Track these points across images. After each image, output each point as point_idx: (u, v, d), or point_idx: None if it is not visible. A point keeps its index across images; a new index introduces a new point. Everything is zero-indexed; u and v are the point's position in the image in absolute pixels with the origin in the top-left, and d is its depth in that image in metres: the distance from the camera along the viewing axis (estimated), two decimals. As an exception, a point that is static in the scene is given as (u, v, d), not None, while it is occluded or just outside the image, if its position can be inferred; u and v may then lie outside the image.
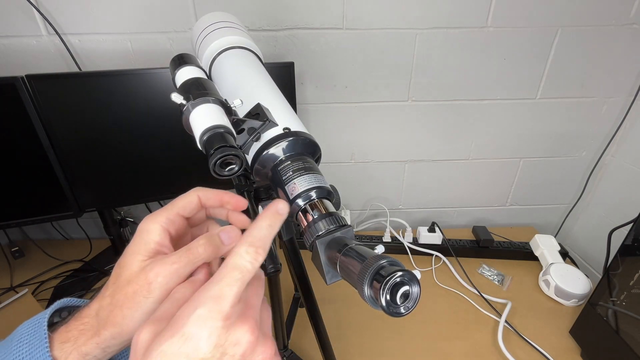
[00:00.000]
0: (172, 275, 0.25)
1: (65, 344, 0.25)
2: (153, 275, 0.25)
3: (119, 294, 0.25)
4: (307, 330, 0.75)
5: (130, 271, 0.25)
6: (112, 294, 0.26)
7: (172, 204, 0.29)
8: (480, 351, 0.72)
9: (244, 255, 0.22)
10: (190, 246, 0.26)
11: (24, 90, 0.70)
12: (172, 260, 0.25)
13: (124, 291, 0.25)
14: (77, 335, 0.25)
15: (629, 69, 0.92)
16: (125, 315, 0.25)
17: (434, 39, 0.87)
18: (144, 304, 0.25)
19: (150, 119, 0.79)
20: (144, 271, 0.25)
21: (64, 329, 0.26)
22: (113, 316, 0.25)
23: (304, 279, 0.51)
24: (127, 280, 0.25)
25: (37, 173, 0.78)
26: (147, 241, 0.27)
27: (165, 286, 0.25)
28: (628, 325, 0.61)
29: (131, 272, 0.25)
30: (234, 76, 0.43)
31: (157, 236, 0.27)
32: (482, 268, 0.94)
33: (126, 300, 0.25)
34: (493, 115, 0.98)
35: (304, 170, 0.32)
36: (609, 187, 1.04)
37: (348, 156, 1.04)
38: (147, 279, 0.25)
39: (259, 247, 0.23)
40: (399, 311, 0.23)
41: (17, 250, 0.98)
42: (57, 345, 0.25)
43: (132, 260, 0.26)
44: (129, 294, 0.25)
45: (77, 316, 0.27)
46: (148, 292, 0.25)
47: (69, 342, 0.25)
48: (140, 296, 0.25)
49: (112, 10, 0.81)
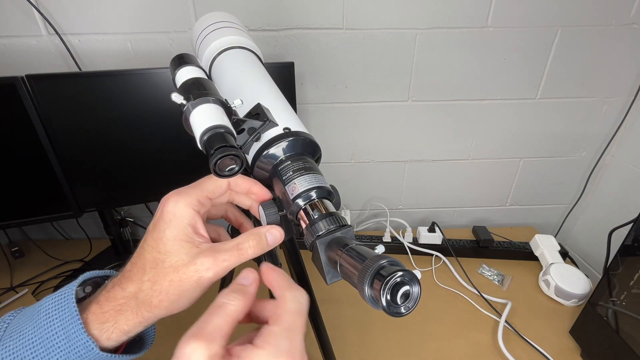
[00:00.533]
0: (222, 271, 0.26)
1: (105, 324, 0.26)
2: (204, 270, 0.25)
3: (164, 281, 0.25)
4: (307, 330, 0.75)
5: (176, 259, 0.26)
6: (154, 278, 0.26)
7: (200, 185, 0.29)
8: (480, 351, 0.72)
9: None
10: (241, 247, 0.27)
11: (24, 90, 0.70)
12: (224, 258, 0.26)
13: (169, 278, 0.25)
14: (115, 315, 0.26)
15: (629, 69, 0.92)
16: (172, 300, 0.26)
17: (434, 39, 0.87)
18: (192, 294, 0.26)
19: (151, 119, 0.79)
20: (194, 263, 0.25)
21: (97, 308, 0.26)
22: (158, 301, 0.25)
23: (304, 279, 0.51)
24: (173, 268, 0.25)
25: (37, 173, 0.78)
26: (185, 226, 0.27)
27: (213, 279, 0.26)
28: (628, 325, 0.61)
29: (178, 259, 0.26)
30: (234, 76, 0.43)
31: (191, 220, 0.27)
32: (482, 268, 0.94)
33: (172, 288, 0.25)
34: (493, 115, 0.98)
35: (304, 170, 0.32)
36: (609, 187, 1.04)
37: (348, 156, 1.04)
38: (197, 271, 0.25)
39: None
40: (399, 311, 0.23)
41: (17, 250, 0.98)
42: (95, 326, 0.26)
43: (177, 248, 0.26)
44: (175, 282, 0.25)
45: (109, 296, 0.26)
46: (198, 285, 0.25)
47: (109, 323, 0.26)
48: (190, 286, 0.25)
49: (112, 10, 0.81)
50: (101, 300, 0.26)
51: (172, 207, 0.27)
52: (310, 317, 0.54)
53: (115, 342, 0.26)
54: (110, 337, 0.26)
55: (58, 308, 0.26)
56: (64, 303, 0.26)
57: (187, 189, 0.29)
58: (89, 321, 0.26)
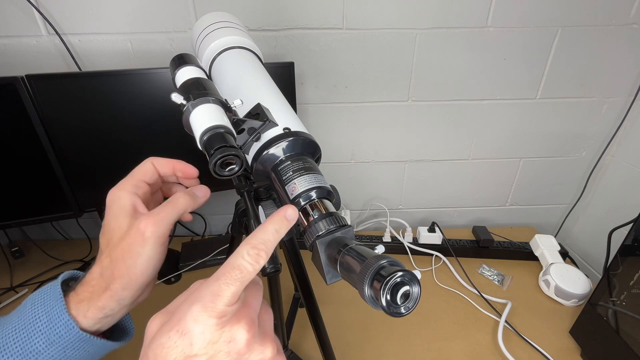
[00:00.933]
0: (161, 222, 0.28)
1: (80, 303, 0.27)
2: (143, 226, 0.27)
3: (116, 252, 0.27)
4: (307, 330, 0.76)
5: (120, 231, 0.28)
6: (109, 254, 0.28)
7: (131, 173, 0.32)
8: (480, 351, 0.72)
9: (245, 256, 0.23)
10: (171, 199, 0.30)
11: (24, 90, 0.70)
12: (157, 211, 0.28)
13: (120, 247, 0.27)
14: (89, 296, 0.28)
15: (629, 69, 0.92)
16: (128, 265, 0.27)
17: (434, 39, 0.87)
18: (142, 252, 0.27)
19: (151, 119, 0.79)
20: (134, 225, 0.28)
21: (73, 295, 0.28)
22: (118, 269, 0.27)
23: (304, 279, 0.51)
24: (119, 239, 0.28)
25: (37, 173, 0.78)
26: (122, 206, 0.29)
27: (157, 233, 0.28)
28: (628, 325, 0.61)
29: (121, 231, 0.28)
30: (234, 76, 0.43)
31: (129, 200, 0.29)
32: (482, 268, 0.94)
33: (124, 253, 0.27)
34: (493, 115, 0.98)
35: (304, 170, 0.32)
36: (609, 187, 1.04)
37: (348, 156, 1.04)
38: (138, 230, 0.27)
39: (262, 249, 0.24)
40: (399, 311, 0.23)
41: (17, 250, 0.98)
42: (72, 306, 0.27)
43: (118, 223, 0.28)
44: (126, 248, 0.27)
45: (82, 282, 0.29)
46: (143, 241, 0.27)
47: (84, 302, 0.27)
48: (137, 245, 0.27)
49: (112, 11, 0.81)
50: (77, 289, 0.28)
51: (110, 196, 0.30)
52: (310, 317, 0.54)
53: (92, 320, 0.28)
54: (86, 315, 0.27)
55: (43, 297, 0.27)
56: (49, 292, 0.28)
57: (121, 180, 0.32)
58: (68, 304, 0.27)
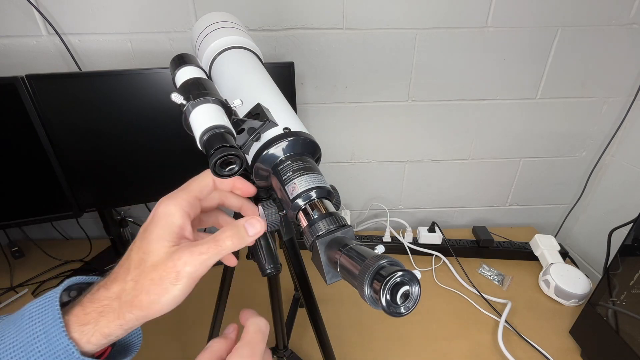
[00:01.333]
0: (200, 265, 0.26)
1: (86, 326, 0.25)
2: (182, 264, 0.25)
3: (145, 279, 0.25)
4: (307, 330, 0.76)
5: (157, 257, 0.26)
6: (137, 278, 0.26)
7: (188, 186, 0.30)
8: (480, 351, 0.72)
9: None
10: (218, 238, 0.27)
11: (24, 90, 0.70)
12: (200, 251, 0.26)
13: (150, 277, 0.25)
14: (97, 317, 0.25)
15: (629, 69, 0.92)
16: (152, 300, 0.25)
17: (434, 39, 0.87)
18: (171, 291, 0.25)
19: (151, 119, 0.79)
20: (172, 259, 0.25)
21: (80, 310, 0.26)
22: (139, 300, 0.25)
23: (304, 279, 0.51)
24: (153, 266, 0.25)
25: (37, 173, 0.78)
26: (171, 225, 0.27)
27: (193, 275, 0.26)
28: (628, 325, 0.60)
29: (158, 258, 0.26)
30: (234, 76, 0.43)
31: (179, 220, 0.27)
32: (482, 268, 0.94)
33: (153, 286, 0.25)
34: (493, 115, 0.98)
35: (304, 170, 0.32)
36: (609, 187, 1.04)
37: (348, 156, 1.04)
38: (175, 267, 0.25)
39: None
40: (399, 311, 0.23)
41: (17, 250, 0.98)
42: (76, 328, 0.25)
43: (158, 246, 0.26)
44: (156, 280, 0.25)
45: (92, 297, 0.26)
46: (176, 280, 0.25)
47: (89, 325, 0.25)
48: (168, 283, 0.25)
49: (112, 10, 0.81)
50: (85, 303, 0.26)
51: (162, 209, 0.27)
52: (310, 317, 0.54)
53: (95, 345, 0.26)
54: (90, 340, 0.25)
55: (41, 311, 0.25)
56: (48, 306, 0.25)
57: (177, 192, 0.29)
58: (70, 323, 0.25)
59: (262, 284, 0.78)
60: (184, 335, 0.75)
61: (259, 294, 0.85)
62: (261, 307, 0.83)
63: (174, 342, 0.73)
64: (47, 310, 0.25)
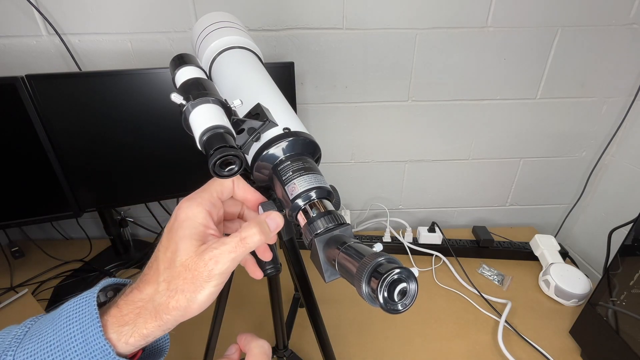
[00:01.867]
0: (230, 262, 0.26)
1: (124, 327, 0.26)
2: (213, 263, 0.26)
3: (178, 280, 0.26)
4: (307, 330, 0.75)
5: (186, 257, 0.26)
6: (168, 279, 0.26)
7: (208, 186, 0.30)
8: (480, 351, 0.72)
9: None
10: (245, 235, 0.27)
11: (24, 90, 0.70)
12: (229, 250, 0.26)
13: (182, 276, 0.26)
14: (135, 318, 0.26)
15: (629, 69, 0.92)
16: (189, 299, 0.26)
17: (434, 39, 0.87)
18: (206, 287, 0.26)
19: (150, 119, 0.79)
20: (202, 258, 0.26)
21: (116, 311, 0.26)
22: (175, 301, 0.26)
23: (304, 279, 0.51)
24: (184, 266, 0.26)
25: (37, 173, 0.78)
26: (196, 225, 0.27)
27: (224, 273, 0.26)
28: (628, 325, 0.60)
29: (187, 257, 0.26)
30: (234, 76, 0.43)
31: (203, 219, 0.28)
32: (482, 268, 0.94)
33: (187, 285, 0.26)
34: (493, 115, 0.98)
35: (304, 170, 0.32)
36: (609, 187, 1.04)
37: (348, 156, 1.04)
38: (206, 266, 0.26)
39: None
40: (396, 308, 0.23)
41: (17, 250, 0.98)
42: (114, 329, 0.26)
43: (186, 246, 0.26)
44: (189, 280, 0.26)
45: (127, 299, 0.27)
46: (209, 278, 0.26)
47: (128, 326, 0.26)
48: (201, 280, 0.26)
49: (112, 10, 0.81)
50: (120, 304, 0.27)
51: (185, 209, 0.28)
52: (310, 317, 0.54)
53: (133, 346, 0.26)
54: (128, 342, 0.26)
55: (78, 311, 0.26)
56: (85, 306, 0.26)
57: (198, 192, 0.30)
58: (108, 324, 0.26)
59: (262, 284, 0.78)
60: (184, 335, 0.75)
61: (259, 294, 0.85)
62: (261, 307, 0.83)
63: (174, 342, 0.73)
64: (84, 310, 0.26)
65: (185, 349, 0.72)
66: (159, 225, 1.11)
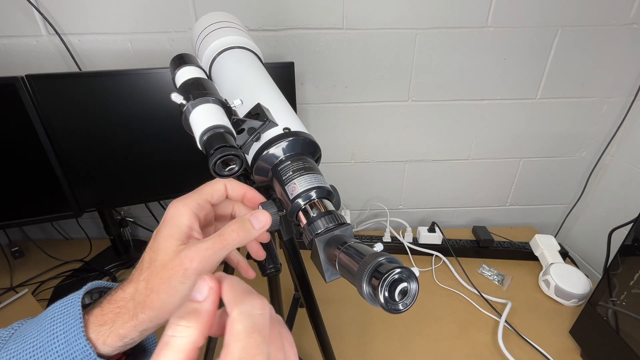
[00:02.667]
0: (207, 260, 0.25)
1: (102, 327, 0.25)
2: (188, 261, 0.25)
3: (155, 279, 0.25)
4: (307, 330, 0.75)
5: (165, 256, 0.26)
6: (148, 278, 0.26)
7: (199, 190, 0.29)
8: (480, 351, 0.72)
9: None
10: (223, 232, 0.26)
11: (24, 90, 0.70)
12: (206, 247, 0.26)
13: (160, 276, 0.25)
14: (114, 318, 0.26)
15: (629, 69, 0.92)
16: (162, 299, 0.25)
17: (434, 39, 0.87)
18: (180, 289, 0.25)
19: (150, 119, 0.79)
20: (179, 257, 0.25)
21: (98, 311, 0.26)
22: (150, 300, 0.25)
23: (304, 279, 0.51)
24: (162, 265, 0.26)
25: (37, 173, 0.78)
26: (179, 225, 0.27)
27: (200, 271, 0.25)
28: (628, 325, 0.60)
29: (166, 256, 0.26)
30: (234, 76, 0.43)
31: (188, 220, 0.27)
32: (482, 268, 0.94)
33: (162, 285, 0.25)
34: (493, 115, 0.98)
35: (304, 170, 0.32)
36: (609, 187, 1.04)
37: (348, 156, 1.04)
38: (182, 264, 0.25)
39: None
40: (397, 308, 0.23)
41: (17, 250, 0.98)
42: (93, 328, 0.25)
43: (167, 245, 0.26)
44: (165, 279, 0.25)
45: (111, 299, 0.27)
46: (184, 278, 0.25)
47: (106, 325, 0.25)
48: (176, 281, 0.25)
49: (112, 10, 0.81)
50: (103, 304, 0.27)
51: (172, 209, 0.27)
52: (310, 317, 0.54)
53: (111, 347, 0.26)
54: (105, 342, 0.25)
55: (63, 312, 0.26)
56: (70, 307, 0.26)
57: (189, 194, 0.29)
58: (89, 324, 0.26)
59: (262, 284, 0.78)
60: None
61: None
62: (261, 307, 0.83)
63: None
64: (68, 311, 0.26)
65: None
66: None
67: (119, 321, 0.25)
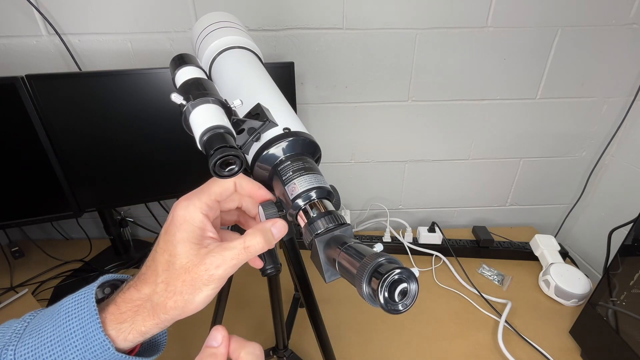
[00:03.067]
0: (232, 268, 0.27)
1: (122, 324, 0.26)
2: (214, 268, 0.26)
3: (177, 282, 0.26)
4: (307, 330, 0.75)
5: (185, 259, 0.27)
6: (167, 280, 0.27)
7: (207, 188, 0.30)
8: (480, 351, 0.72)
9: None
10: (248, 242, 0.28)
11: (24, 90, 0.70)
12: (232, 257, 0.27)
13: (182, 279, 0.26)
14: (132, 316, 0.27)
15: (629, 69, 0.92)
16: (187, 300, 0.26)
17: (434, 39, 0.87)
18: (204, 290, 0.26)
19: (150, 119, 0.79)
20: (205, 263, 0.26)
21: (114, 309, 0.27)
22: (174, 302, 0.26)
23: (304, 279, 0.51)
24: (184, 269, 0.26)
25: (37, 173, 0.78)
26: (193, 229, 0.28)
27: (225, 276, 0.27)
28: (628, 325, 0.61)
29: (187, 260, 0.27)
30: (234, 76, 0.43)
31: (201, 223, 0.28)
32: (482, 268, 0.94)
33: (185, 287, 0.26)
34: (493, 115, 0.98)
35: (304, 170, 0.32)
36: (609, 187, 1.04)
37: (348, 156, 1.04)
38: (207, 270, 0.26)
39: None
40: (397, 308, 0.23)
41: (17, 250, 0.98)
42: (113, 326, 0.26)
43: (186, 249, 0.27)
44: (188, 282, 0.26)
45: (125, 297, 0.27)
46: (209, 281, 0.26)
47: (126, 323, 0.26)
48: (201, 284, 0.26)
49: (112, 10, 0.81)
50: (118, 302, 0.27)
51: (182, 211, 0.28)
52: (310, 317, 0.54)
53: (132, 342, 0.27)
54: (127, 338, 0.26)
55: (77, 307, 0.26)
56: (84, 303, 0.26)
57: (196, 193, 0.29)
58: (107, 321, 0.26)
59: (262, 284, 0.78)
60: (184, 335, 0.75)
61: (259, 294, 0.85)
62: (261, 307, 0.83)
63: (174, 342, 0.73)
64: (83, 307, 0.26)
65: (185, 349, 0.72)
66: (159, 225, 1.11)
67: (139, 319, 0.26)
